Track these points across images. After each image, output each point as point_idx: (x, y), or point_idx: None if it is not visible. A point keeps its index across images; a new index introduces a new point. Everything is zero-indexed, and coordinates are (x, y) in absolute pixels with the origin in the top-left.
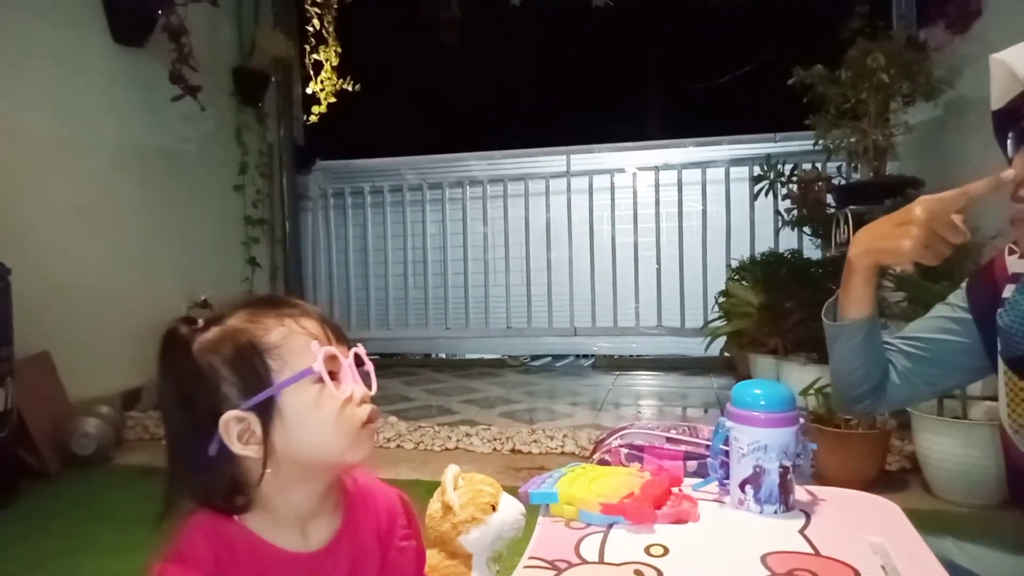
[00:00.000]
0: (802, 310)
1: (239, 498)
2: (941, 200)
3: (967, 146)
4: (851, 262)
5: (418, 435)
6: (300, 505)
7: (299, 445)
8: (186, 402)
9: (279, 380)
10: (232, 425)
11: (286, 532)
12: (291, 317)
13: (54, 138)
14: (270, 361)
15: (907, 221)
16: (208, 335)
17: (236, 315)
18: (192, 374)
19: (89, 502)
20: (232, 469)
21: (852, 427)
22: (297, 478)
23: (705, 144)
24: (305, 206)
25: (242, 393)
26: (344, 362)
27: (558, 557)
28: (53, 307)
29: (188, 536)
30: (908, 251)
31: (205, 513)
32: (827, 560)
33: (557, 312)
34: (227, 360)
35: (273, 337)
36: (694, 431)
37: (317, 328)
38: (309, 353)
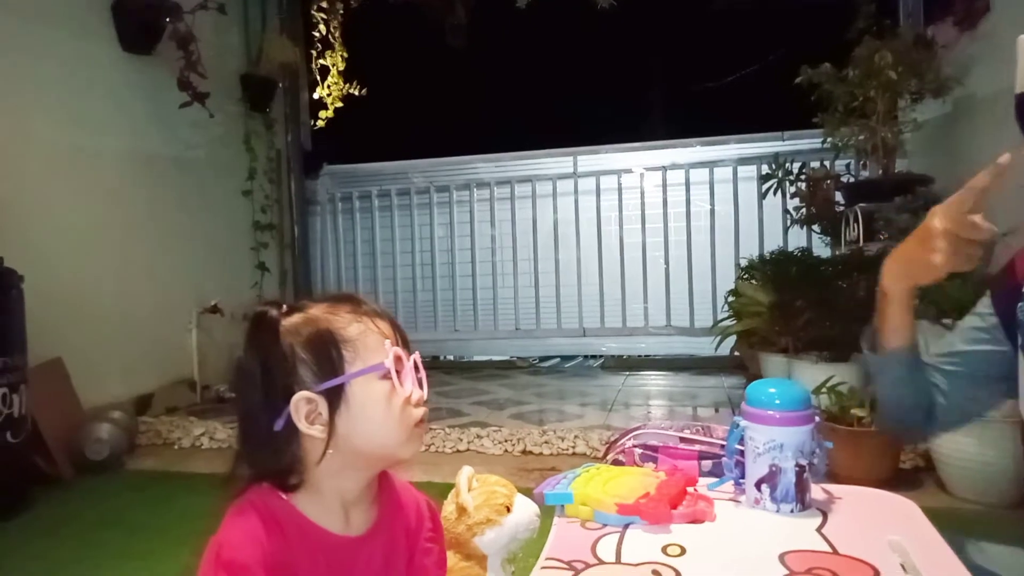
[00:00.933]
0: (812, 309)
1: (294, 476)
2: (952, 204)
3: (977, 143)
4: (885, 291)
5: (429, 437)
6: (347, 491)
7: (360, 433)
8: (265, 379)
9: (351, 370)
10: (302, 404)
11: (331, 515)
12: (367, 316)
13: (64, 146)
14: (345, 352)
15: (928, 236)
16: (293, 319)
17: (318, 306)
18: (274, 353)
19: (104, 508)
20: (294, 447)
21: (865, 425)
22: (351, 465)
23: (712, 143)
24: (313, 211)
25: (316, 377)
26: (407, 364)
27: (575, 558)
28: (65, 314)
29: (242, 513)
30: (939, 264)
31: (257, 491)
32: (846, 558)
33: (566, 313)
34: (306, 344)
35: (351, 331)
36: (708, 431)
37: (389, 329)
38: (382, 350)
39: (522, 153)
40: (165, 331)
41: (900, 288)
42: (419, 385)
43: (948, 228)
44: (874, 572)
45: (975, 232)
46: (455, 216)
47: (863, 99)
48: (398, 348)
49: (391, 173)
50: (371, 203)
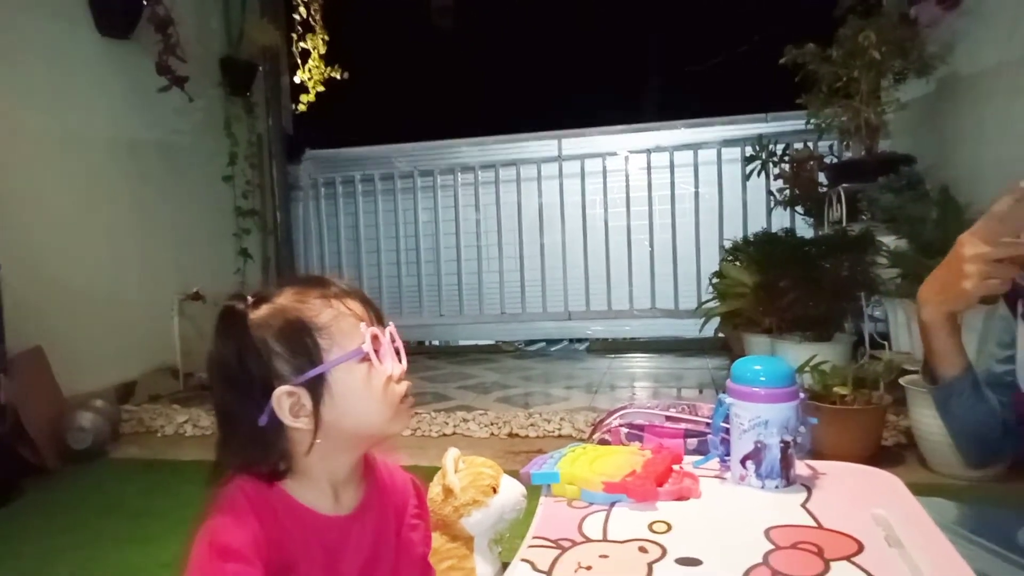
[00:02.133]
0: (796, 289)
1: (283, 465)
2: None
3: (960, 122)
4: (926, 323)
5: (415, 421)
6: (337, 472)
7: (346, 418)
8: (241, 375)
9: (329, 358)
10: (284, 399)
11: (321, 496)
12: (336, 297)
13: (43, 132)
14: (320, 340)
15: (958, 263)
16: (261, 312)
17: (284, 294)
18: (247, 348)
19: (90, 497)
20: (281, 439)
21: (848, 403)
22: (340, 448)
23: (697, 125)
24: (296, 196)
25: (293, 369)
26: (384, 341)
27: (562, 536)
28: (45, 301)
29: (232, 500)
30: (972, 291)
31: (245, 479)
32: (831, 532)
33: (551, 297)
34: (279, 337)
35: (323, 318)
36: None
37: (361, 309)
38: (357, 334)
39: (506, 136)
40: (147, 318)
41: (939, 317)
42: (398, 358)
43: (977, 255)
44: (858, 545)
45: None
46: (439, 200)
47: (847, 79)
48: (373, 328)
49: (374, 158)
50: (354, 188)
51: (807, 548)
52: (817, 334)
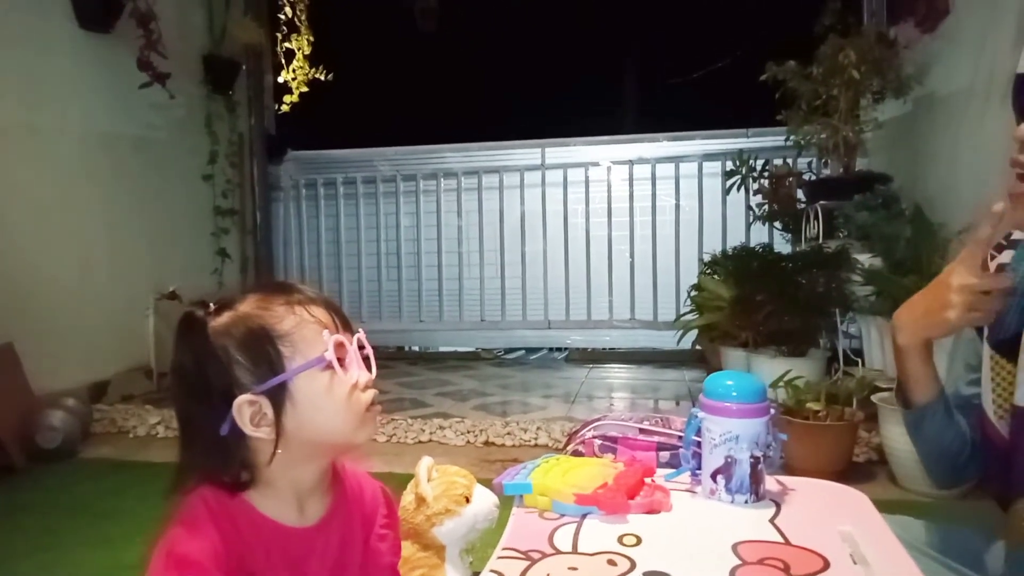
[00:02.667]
0: (772, 303)
1: (245, 475)
2: (965, 260)
3: (935, 142)
4: (901, 348)
5: (391, 428)
6: (302, 482)
7: (310, 427)
8: (200, 383)
9: (291, 367)
10: (245, 408)
11: (285, 507)
12: (300, 304)
13: (19, 125)
14: (282, 348)
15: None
16: (222, 319)
17: (247, 300)
18: (207, 356)
19: (57, 497)
20: (242, 449)
21: (820, 419)
22: (303, 457)
23: (678, 139)
24: (276, 197)
25: (255, 377)
26: (350, 349)
27: (532, 547)
28: (15, 298)
29: (192, 510)
30: (954, 321)
31: (207, 488)
32: (797, 549)
33: (531, 305)
34: (240, 345)
35: (285, 325)
36: (667, 422)
37: (325, 315)
38: (320, 342)
39: (490, 144)
40: (121, 317)
41: (916, 343)
42: (366, 365)
43: (963, 286)
44: (824, 562)
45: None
46: (421, 206)
47: (826, 97)
48: (338, 335)
49: (357, 160)
50: (336, 190)
51: (774, 564)
52: (792, 349)
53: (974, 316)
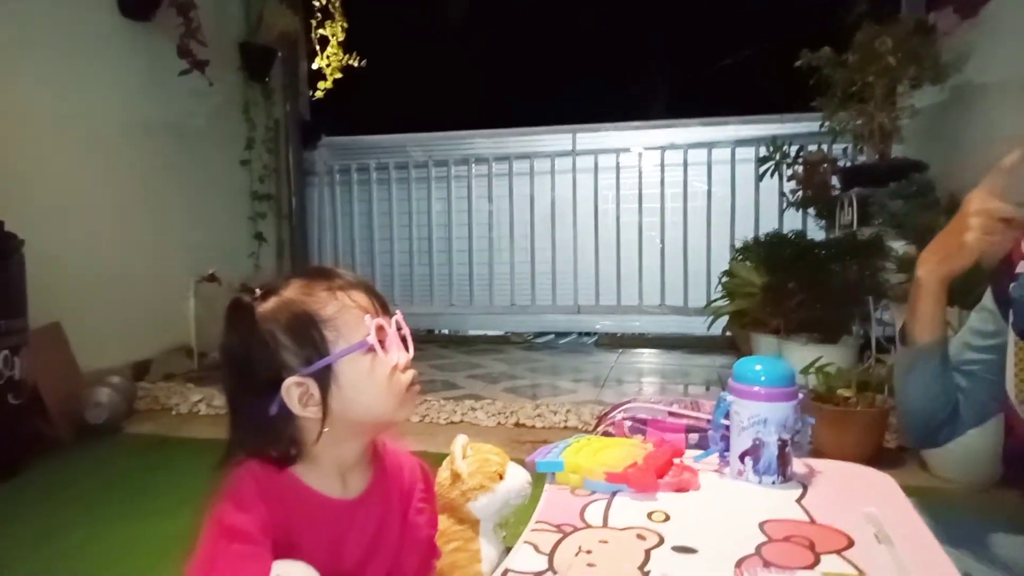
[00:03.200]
0: (804, 291)
1: (293, 452)
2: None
3: (972, 130)
4: (920, 281)
5: (424, 408)
6: (345, 458)
7: (354, 407)
8: (249, 366)
9: (335, 350)
10: (293, 389)
11: (328, 481)
12: (342, 289)
13: (63, 113)
14: (326, 332)
15: (962, 219)
16: (268, 305)
17: (291, 286)
18: (255, 341)
19: (103, 470)
20: (290, 427)
21: (851, 405)
22: (347, 435)
23: (711, 124)
24: (311, 182)
25: (301, 360)
26: (390, 331)
27: (564, 522)
28: (63, 279)
29: (241, 483)
30: (972, 244)
31: (255, 462)
32: (823, 528)
33: (561, 290)
34: (286, 330)
35: (328, 310)
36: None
37: (365, 300)
38: (362, 325)
39: (521, 129)
40: (163, 298)
41: (935, 278)
42: (404, 346)
43: (981, 210)
44: (848, 541)
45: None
46: (453, 191)
47: (862, 84)
48: (378, 319)
49: (390, 146)
50: (369, 176)
51: (799, 541)
52: (823, 336)
53: (991, 241)
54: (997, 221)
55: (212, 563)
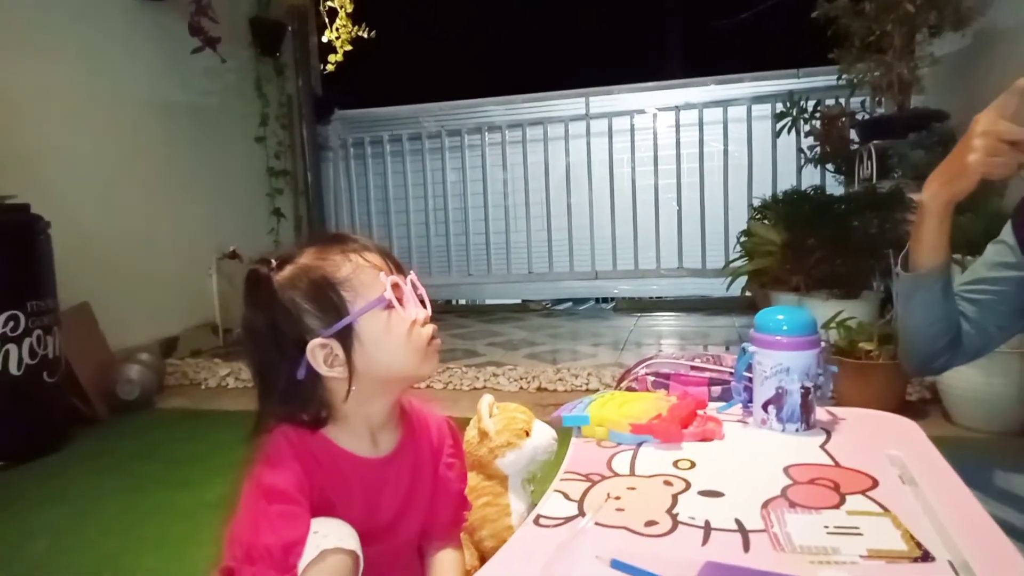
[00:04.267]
0: (824, 247)
1: (323, 414)
2: (994, 107)
3: (996, 77)
4: (924, 205)
5: (447, 376)
6: (374, 417)
7: (378, 364)
8: (274, 334)
9: (354, 309)
10: (318, 351)
11: (360, 441)
12: (355, 252)
13: (81, 93)
14: (344, 293)
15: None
16: (285, 273)
17: (306, 253)
18: (277, 309)
19: (142, 443)
20: (319, 389)
21: (873, 358)
22: (374, 393)
23: (727, 82)
24: (326, 156)
25: (323, 323)
26: (406, 288)
27: (592, 471)
28: (88, 260)
29: (276, 446)
30: (975, 164)
31: (287, 427)
32: (847, 470)
33: (578, 256)
34: (306, 295)
35: (344, 272)
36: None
37: (379, 260)
38: (378, 283)
39: (534, 95)
40: (186, 276)
41: (939, 202)
42: (421, 303)
43: (986, 130)
44: (873, 481)
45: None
46: (467, 160)
47: (880, 33)
48: (393, 276)
49: (402, 117)
50: (383, 148)
51: (824, 483)
52: (844, 292)
53: (996, 162)
54: (1002, 142)
55: (254, 524)
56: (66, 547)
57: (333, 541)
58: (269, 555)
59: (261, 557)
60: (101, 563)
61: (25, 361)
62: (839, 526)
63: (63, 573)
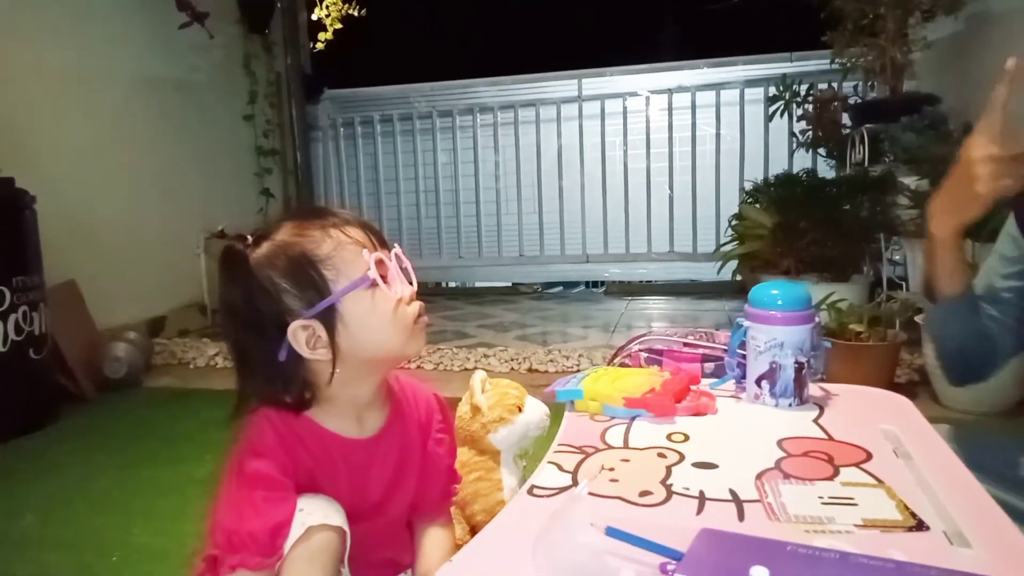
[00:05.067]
0: (816, 229)
1: (307, 396)
2: (982, 128)
3: (988, 61)
4: (934, 236)
5: (437, 356)
6: (359, 397)
7: (363, 345)
8: (252, 314)
9: (336, 288)
10: (299, 333)
11: (345, 421)
12: (336, 227)
13: (68, 70)
14: (325, 271)
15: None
16: (261, 251)
17: (283, 229)
18: (254, 288)
19: (125, 421)
20: (302, 371)
21: (863, 340)
22: (360, 374)
23: (720, 65)
24: (315, 136)
25: (303, 303)
26: (390, 265)
27: (585, 444)
28: (75, 237)
29: (259, 429)
30: (984, 192)
31: (270, 409)
32: (841, 444)
33: (569, 239)
34: (284, 273)
35: (324, 249)
36: (711, 336)
37: (361, 235)
38: (360, 261)
39: (526, 76)
40: (174, 255)
41: (948, 230)
42: (407, 280)
43: (984, 156)
44: (866, 454)
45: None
46: (458, 141)
47: (873, 16)
48: (377, 252)
49: (393, 97)
50: (373, 128)
51: (818, 456)
52: (835, 275)
53: (1003, 185)
54: (1005, 163)
55: (238, 511)
56: (54, 522)
57: (318, 518)
58: (253, 541)
59: (244, 544)
60: (90, 538)
61: (11, 337)
62: (833, 496)
63: (52, 548)
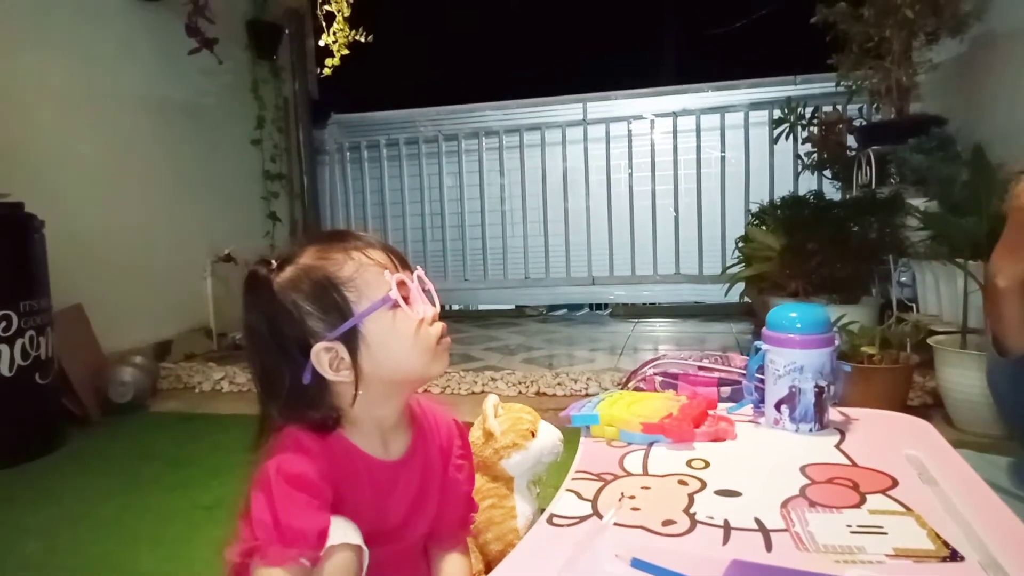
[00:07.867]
0: (824, 251)
1: (331, 418)
2: None
3: (993, 82)
4: (1002, 291)
5: (444, 380)
6: (384, 420)
7: (386, 366)
8: (276, 338)
9: (358, 310)
10: (322, 355)
11: (371, 444)
12: (358, 249)
13: (77, 92)
14: (347, 293)
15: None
16: (285, 274)
17: (306, 252)
18: (278, 312)
19: (132, 445)
20: (326, 394)
21: (875, 363)
22: (384, 396)
23: (724, 88)
24: (322, 160)
25: (326, 325)
26: (412, 286)
27: (604, 470)
28: (82, 261)
29: (293, 438)
30: None
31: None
32: (865, 470)
33: (575, 262)
34: (308, 297)
35: (346, 271)
36: (726, 360)
37: (383, 257)
38: (382, 282)
39: (531, 100)
40: (180, 279)
41: (1015, 283)
42: (430, 301)
43: None
44: (892, 481)
45: None
46: (464, 165)
47: (879, 39)
48: (399, 274)
49: (399, 122)
50: (379, 152)
51: (843, 483)
52: (844, 297)
53: None
54: None
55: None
56: (59, 547)
57: (339, 536)
58: (304, 538)
59: (296, 540)
60: (95, 564)
61: (17, 362)
62: (862, 525)
63: (56, 573)
